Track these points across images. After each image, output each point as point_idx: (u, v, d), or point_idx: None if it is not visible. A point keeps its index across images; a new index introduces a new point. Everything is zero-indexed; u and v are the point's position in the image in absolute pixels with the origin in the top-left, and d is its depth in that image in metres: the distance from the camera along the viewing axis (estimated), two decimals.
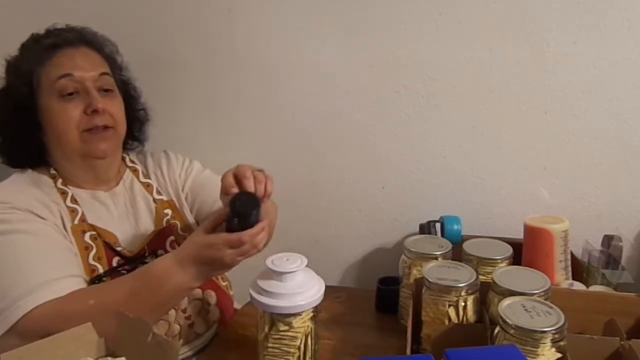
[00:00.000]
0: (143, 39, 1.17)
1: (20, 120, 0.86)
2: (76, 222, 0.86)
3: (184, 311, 0.90)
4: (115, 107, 0.89)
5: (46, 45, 0.87)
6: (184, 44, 1.18)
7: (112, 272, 0.85)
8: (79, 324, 0.67)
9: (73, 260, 0.82)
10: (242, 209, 0.74)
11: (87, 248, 0.85)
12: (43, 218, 0.82)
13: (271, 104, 1.18)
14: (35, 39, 0.89)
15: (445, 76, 1.08)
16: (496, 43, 1.05)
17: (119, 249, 0.88)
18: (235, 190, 0.75)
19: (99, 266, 0.84)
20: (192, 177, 1.03)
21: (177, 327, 0.88)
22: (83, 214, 0.87)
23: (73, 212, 0.86)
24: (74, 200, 0.88)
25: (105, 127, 0.87)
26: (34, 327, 0.71)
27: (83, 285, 0.80)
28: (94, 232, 0.86)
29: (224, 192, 0.77)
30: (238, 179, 0.76)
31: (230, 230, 0.75)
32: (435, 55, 1.07)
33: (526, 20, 1.02)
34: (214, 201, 0.98)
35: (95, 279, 0.83)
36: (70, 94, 0.84)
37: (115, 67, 0.95)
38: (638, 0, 0.97)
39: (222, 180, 0.78)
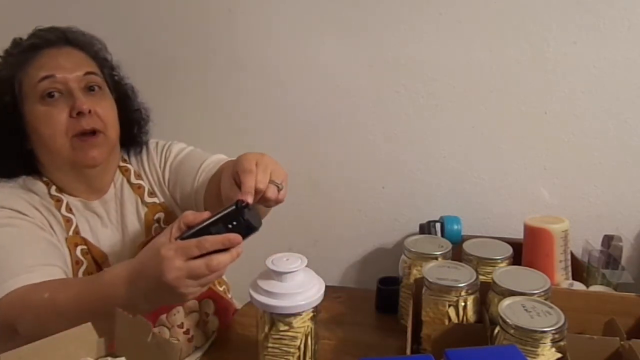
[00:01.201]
0: (143, 39, 1.17)
1: (6, 129, 0.81)
2: (71, 233, 0.83)
3: (181, 326, 0.87)
4: (104, 108, 0.82)
5: (26, 47, 0.81)
6: (184, 44, 1.18)
7: None
8: (40, 314, 0.66)
9: (53, 252, 0.78)
10: (229, 222, 0.63)
11: (78, 263, 0.82)
12: (29, 216, 0.79)
13: (271, 104, 1.18)
14: (16, 43, 0.84)
15: (445, 76, 1.08)
16: (496, 43, 1.05)
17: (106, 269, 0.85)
18: (238, 193, 0.65)
19: None
20: (170, 162, 0.93)
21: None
22: (77, 225, 0.84)
23: (68, 221, 0.83)
24: (68, 209, 0.84)
25: (94, 132, 0.80)
26: (3, 315, 0.68)
27: (61, 274, 0.75)
28: (84, 247, 0.83)
29: (238, 170, 0.68)
30: (244, 177, 0.66)
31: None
32: (435, 55, 1.07)
33: (526, 20, 1.02)
34: (194, 178, 0.88)
35: None
36: (52, 95, 0.78)
37: (104, 66, 0.88)
38: (638, 0, 0.97)
39: (241, 159, 0.69)
